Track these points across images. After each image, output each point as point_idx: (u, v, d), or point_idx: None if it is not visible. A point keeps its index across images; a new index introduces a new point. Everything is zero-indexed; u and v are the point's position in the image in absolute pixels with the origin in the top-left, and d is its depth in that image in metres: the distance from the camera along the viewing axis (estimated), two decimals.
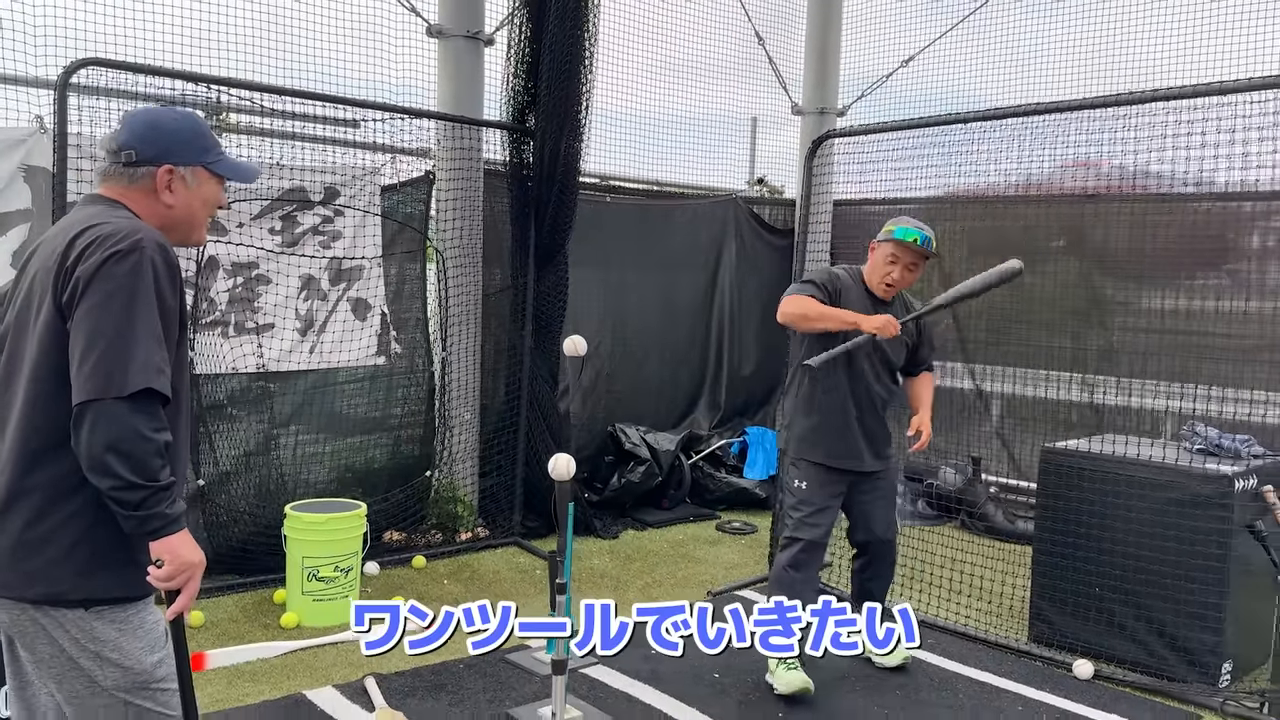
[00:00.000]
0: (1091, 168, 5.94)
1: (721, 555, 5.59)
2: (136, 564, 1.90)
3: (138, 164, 1.98)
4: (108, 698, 1.91)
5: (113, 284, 1.76)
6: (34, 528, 1.83)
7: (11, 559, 1.84)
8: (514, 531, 5.61)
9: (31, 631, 1.89)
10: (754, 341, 7.64)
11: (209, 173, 2.05)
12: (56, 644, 1.88)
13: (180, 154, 2.00)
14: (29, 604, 1.86)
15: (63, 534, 1.84)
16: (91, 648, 1.88)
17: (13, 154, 4.17)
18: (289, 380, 5.00)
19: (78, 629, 1.87)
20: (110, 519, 1.84)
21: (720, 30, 7.39)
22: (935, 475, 6.40)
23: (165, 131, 2.01)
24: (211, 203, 2.08)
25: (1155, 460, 4.02)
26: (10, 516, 1.83)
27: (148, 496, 1.76)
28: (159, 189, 1.99)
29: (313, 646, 3.97)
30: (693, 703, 3.62)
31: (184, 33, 4.61)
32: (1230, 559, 3.78)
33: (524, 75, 5.44)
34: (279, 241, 4.88)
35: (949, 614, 4.58)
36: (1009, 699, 3.75)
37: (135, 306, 1.77)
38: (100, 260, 1.77)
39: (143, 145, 1.98)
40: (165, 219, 2.00)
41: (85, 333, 1.76)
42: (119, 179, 2.00)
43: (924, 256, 3.73)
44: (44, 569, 1.84)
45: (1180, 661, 3.86)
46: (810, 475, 3.81)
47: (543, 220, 5.53)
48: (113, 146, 2.00)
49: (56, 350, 1.81)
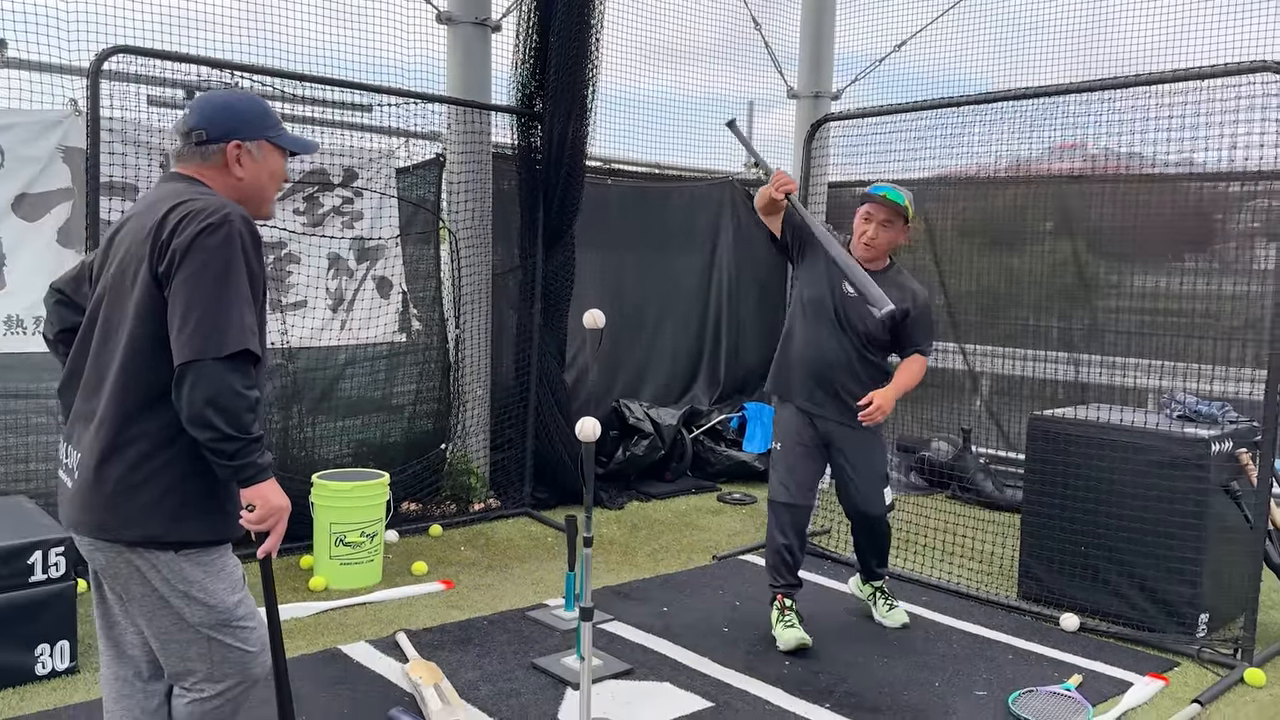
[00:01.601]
0: (1079, 149, 6.15)
1: (724, 524, 5.83)
2: (223, 511, 2.10)
3: (208, 142, 2.15)
4: (193, 633, 2.11)
5: (207, 255, 1.95)
6: (132, 476, 2.02)
7: (111, 504, 2.03)
8: (525, 502, 5.83)
9: (125, 572, 2.08)
10: (751, 319, 7.86)
11: (272, 146, 2.22)
12: (149, 583, 2.07)
13: (245, 130, 2.17)
14: (125, 545, 2.05)
15: (157, 482, 2.02)
16: (180, 587, 2.07)
17: (50, 135, 4.34)
18: (321, 355, 5.18)
19: (169, 569, 2.07)
20: (200, 470, 2.04)
21: (716, 14, 7.58)
22: (927, 447, 6.65)
23: (230, 110, 2.18)
24: (277, 175, 2.25)
25: (1137, 425, 4.26)
26: (110, 466, 2.02)
27: (241, 447, 1.96)
28: (229, 163, 2.16)
29: (343, 607, 4.18)
30: (704, 653, 3.84)
31: (206, 20, 4.78)
32: (1207, 517, 4.03)
33: (531, 61, 5.63)
34: (304, 221, 5.07)
35: (942, 574, 4.83)
36: (1000, 649, 4.00)
37: (229, 275, 1.96)
38: (194, 233, 1.96)
39: (211, 125, 2.15)
40: (237, 191, 2.17)
41: (184, 300, 1.94)
42: (192, 158, 2.17)
43: (896, 213, 3.81)
44: (140, 514, 2.03)
45: (1160, 613, 4.11)
46: (781, 425, 3.97)
47: (551, 202, 5.72)
48: (184, 129, 2.18)
49: (153, 316, 1.99)
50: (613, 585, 4.60)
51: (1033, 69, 6.98)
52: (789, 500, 3.93)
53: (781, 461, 3.97)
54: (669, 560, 5.07)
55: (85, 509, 2.05)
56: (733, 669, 3.70)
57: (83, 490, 2.05)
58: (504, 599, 4.37)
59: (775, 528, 3.96)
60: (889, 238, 3.86)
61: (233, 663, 2.15)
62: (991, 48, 7.20)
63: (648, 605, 4.36)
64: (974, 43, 7.29)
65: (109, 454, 2.02)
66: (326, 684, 3.43)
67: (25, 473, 4.35)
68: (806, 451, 3.94)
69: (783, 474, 3.96)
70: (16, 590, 3.32)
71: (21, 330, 4.36)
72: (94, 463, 2.02)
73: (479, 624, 4.05)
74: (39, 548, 3.35)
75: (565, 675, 3.55)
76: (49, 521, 3.58)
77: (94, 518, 2.05)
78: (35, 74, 4.36)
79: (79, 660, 3.47)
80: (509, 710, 3.30)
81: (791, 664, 3.77)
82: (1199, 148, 4.59)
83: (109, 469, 2.02)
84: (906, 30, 7.61)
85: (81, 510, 2.06)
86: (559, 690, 3.46)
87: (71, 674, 3.44)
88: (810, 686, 3.58)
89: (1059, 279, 6.49)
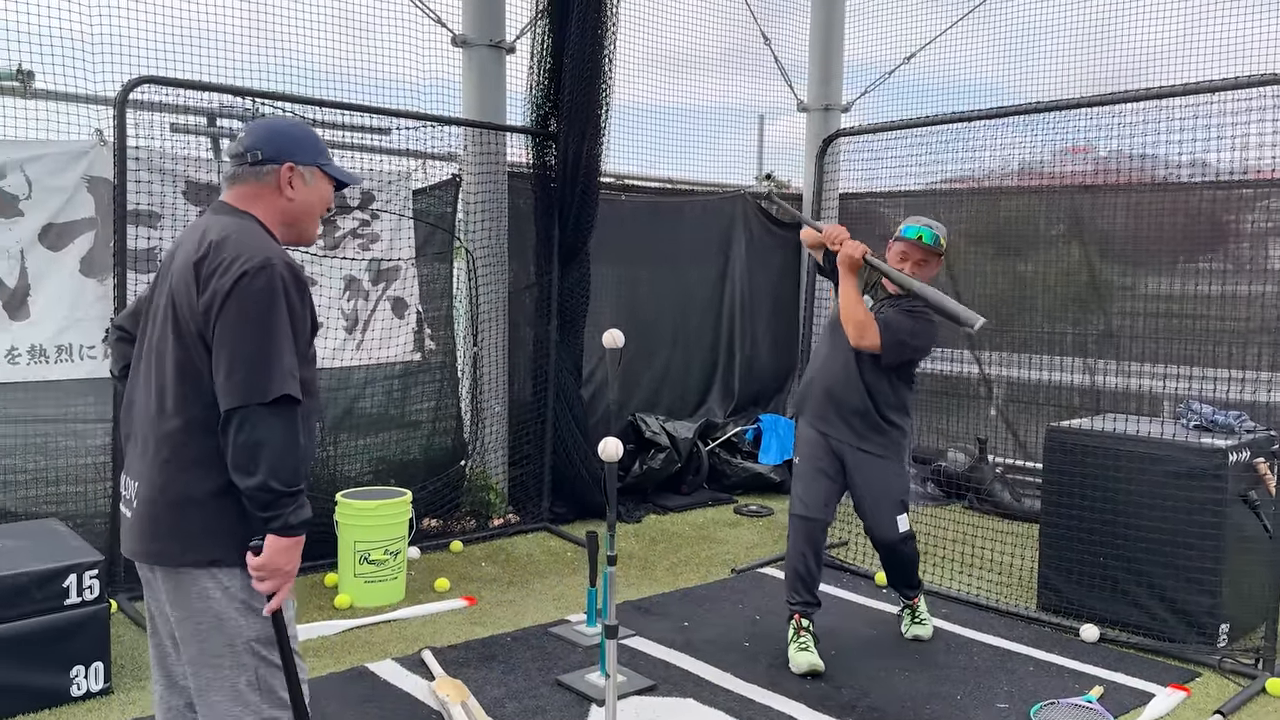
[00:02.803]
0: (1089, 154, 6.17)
1: (741, 536, 5.86)
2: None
3: (263, 162, 2.19)
4: (247, 652, 2.11)
5: (248, 300, 2.00)
6: (190, 501, 2.06)
7: (173, 531, 2.07)
8: (543, 517, 5.88)
9: (188, 595, 2.10)
10: (765, 332, 7.91)
11: (323, 173, 2.27)
12: (208, 600, 2.09)
13: (299, 154, 2.22)
14: (191, 567, 2.08)
15: (215, 504, 2.06)
16: (241, 596, 2.11)
17: (76, 166, 4.42)
18: (337, 377, 5.26)
19: (230, 580, 2.10)
20: None
21: (725, 27, 7.64)
22: (943, 458, 6.67)
23: (286, 135, 2.23)
24: (325, 200, 2.30)
25: (1154, 436, 4.28)
26: (168, 493, 2.07)
27: (275, 499, 2.00)
28: (281, 185, 2.20)
29: (368, 625, 4.24)
30: (726, 668, 3.88)
31: (226, 46, 4.87)
32: (1226, 527, 4.05)
33: (546, 82, 5.70)
34: (321, 245, 5.14)
35: (961, 585, 4.85)
36: (1020, 660, 4.02)
37: (272, 319, 2.01)
38: (235, 277, 2.01)
39: (267, 146, 2.20)
40: (286, 213, 2.22)
41: (229, 346, 1.99)
42: (246, 179, 2.20)
43: (933, 253, 3.90)
44: (202, 536, 2.07)
45: (1180, 624, 4.13)
46: (800, 441, 4.03)
47: (566, 220, 5.79)
48: (238, 150, 2.21)
49: (199, 345, 2.04)
50: (633, 600, 4.64)
51: (1043, 76, 7.00)
52: (803, 514, 3.97)
53: (799, 475, 4.04)
54: (688, 574, 5.11)
55: (147, 538, 2.10)
56: (755, 684, 3.74)
57: (142, 520, 2.11)
58: (526, 615, 4.42)
59: (791, 541, 4.01)
60: (925, 275, 3.89)
61: (278, 693, 2.16)
62: (1001, 56, 7.23)
63: (668, 620, 4.40)
64: (984, 51, 7.33)
65: (167, 482, 2.07)
66: (354, 702, 3.48)
67: (56, 495, 4.43)
68: (821, 468, 3.97)
69: (799, 488, 4.02)
70: (51, 613, 3.38)
71: (45, 359, 4.44)
72: (152, 493, 2.08)
73: (502, 640, 4.10)
74: (73, 571, 3.42)
75: (589, 692, 3.59)
76: (81, 544, 3.65)
77: (157, 546, 2.09)
78: (61, 104, 4.45)
79: (113, 681, 3.54)
80: None
81: (814, 679, 3.80)
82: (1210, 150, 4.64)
83: (167, 496, 2.07)
84: (916, 39, 7.66)
85: (141, 539, 2.12)
86: (584, 707, 3.51)
87: (105, 695, 3.50)
88: (833, 701, 3.61)
89: (1071, 284, 6.51)
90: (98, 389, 4.52)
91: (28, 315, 4.39)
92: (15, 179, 4.30)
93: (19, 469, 4.37)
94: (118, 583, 4.27)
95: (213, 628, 2.11)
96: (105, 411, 4.49)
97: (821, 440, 3.97)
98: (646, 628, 4.28)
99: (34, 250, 4.38)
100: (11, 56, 4.29)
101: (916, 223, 3.92)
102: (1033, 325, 6.61)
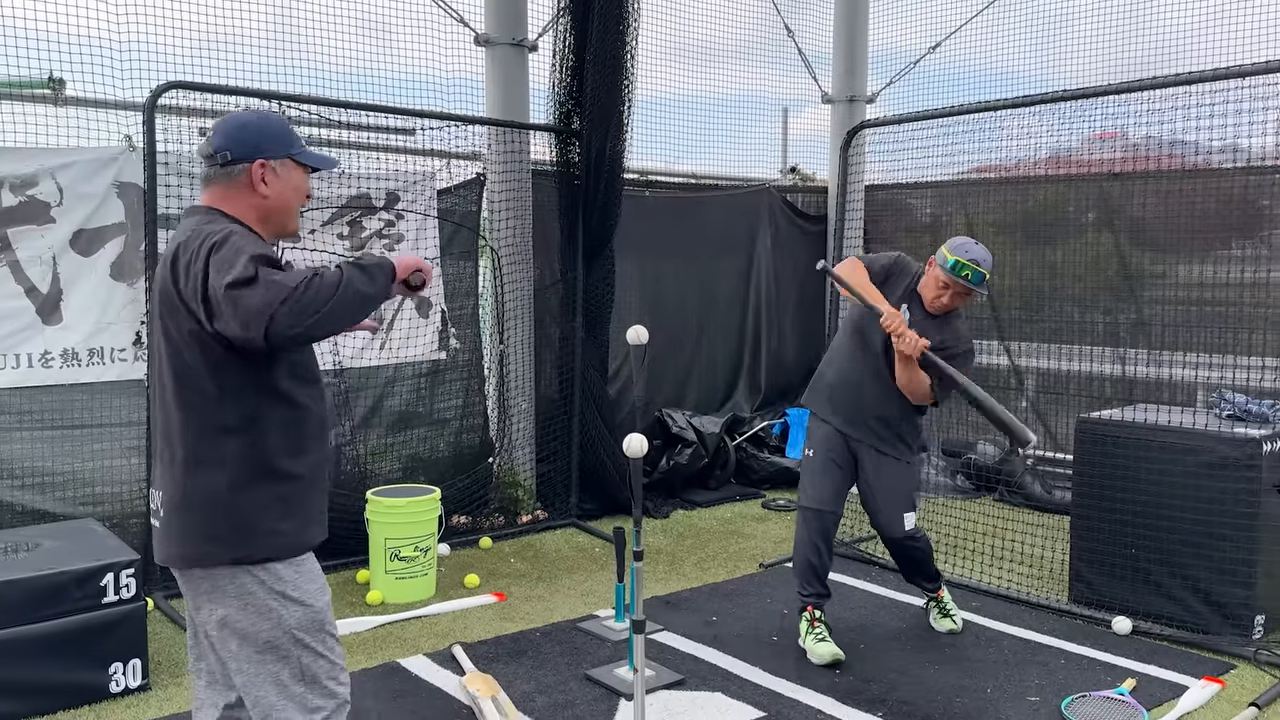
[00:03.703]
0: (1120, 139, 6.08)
1: (769, 531, 5.85)
2: (306, 519, 2.18)
3: (233, 163, 2.16)
4: (290, 642, 2.14)
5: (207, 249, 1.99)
6: (216, 503, 2.08)
7: (204, 533, 2.10)
8: (571, 513, 5.91)
9: (225, 594, 2.12)
10: (791, 326, 7.88)
11: (295, 163, 2.25)
12: (246, 595, 2.12)
13: (269, 148, 2.18)
14: (226, 566, 2.11)
15: (245, 501, 2.09)
16: (278, 588, 2.13)
17: (106, 172, 4.50)
18: (363, 376, 5.31)
19: (266, 574, 2.13)
20: (279, 479, 2.10)
21: (748, 19, 7.61)
22: (973, 450, 6.62)
23: (253, 130, 2.20)
24: (301, 191, 2.27)
25: (1186, 426, 4.23)
26: (194, 497, 2.09)
27: (320, 290, 1.94)
28: (254, 183, 2.17)
29: (400, 620, 4.28)
30: (754, 662, 3.88)
31: (251, 48, 4.93)
32: (1260, 518, 4.00)
33: (568, 79, 5.71)
34: (348, 245, 5.19)
35: (992, 579, 4.82)
36: (1052, 653, 3.99)
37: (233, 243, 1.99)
38: (197, 249, 2.00)
39: (236, 146, 2.16)
40: (263, 209, 2.19)
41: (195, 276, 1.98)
42: (219, 180, 2.18)
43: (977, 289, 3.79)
44: (232, 536, 2.09)
45: (1214, 616, 4.08)
46: (814, 435, 4.01)
47: (590, 217, 5.80)
48: (208, 151, 2.19)
49: (195, 342, 2.04)
50: (661, 595, 4.66)
51: (1070, 63, 6.92)
52: (817, 506, 3.96)
53: (810, 468, 4.01)
54: (716, 569, 5.12)
55: (177, 542, 2.13)
56: (784, 678, 3.74)
57: (169, 528, 2.14)
58: (555, 610, 4.44)
59: (801, 533, 4.00)
60: (960, 304, 3.85)
61: (322, 682, 2.18)
62: (1028, 43, 7.15)
63: (696, 615, 4.41)
64: (1010, 39, 7.25)
65: (187, 485, 2.10)
66: (387, 697, 3.52)
67: (92, 496, 4.52)
68: (836, 462, 3.97)
69: (810, 480, 4.00)
70: (90, 611, 3.45)
71: (77, 363, 4.52)
72: (175, 498, 2.11)
73: (531, 636, 4.13)
74: (111, 570, 3.48)
75: (618, 686, 3.61)
76: (118, 544, 3.72)
77: (189, 549, 2.12)
78: (91, 111, 4.52)
79: (150, 678, 3.60)
80: None
81: (842, 673, 3.80)
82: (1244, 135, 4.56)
83: (190, 499, 2.10)
84: (941, 28, 7.59)
85: (172, 544, 2.15)
86: (613, 701, 3.52)
87: (143, 691, 3.56)
88: (862, 695, 3.61)
89: (1102, 272, 6.43)
90: (129, 391, 4.60)
91: (60, 319, 4.47)
92: (47, 186, 4.38)
93: (55, 470, 4.46)
94: (154, 581, 4.34)
95: (254, 622, 2.14)
96: (136, 413, 4.57)
97: (839, 436, 3.96)
98: (674, 622, 4.29)
99: (65, 256, 4.46)
100: (43, 65, 4.37)
101: (962, 253, 3.72)
102: (1063, 315, 6.54)
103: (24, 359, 4.39)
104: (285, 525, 2.14)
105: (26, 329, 4.39)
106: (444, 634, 4.15)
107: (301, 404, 2.17)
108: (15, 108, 4.35)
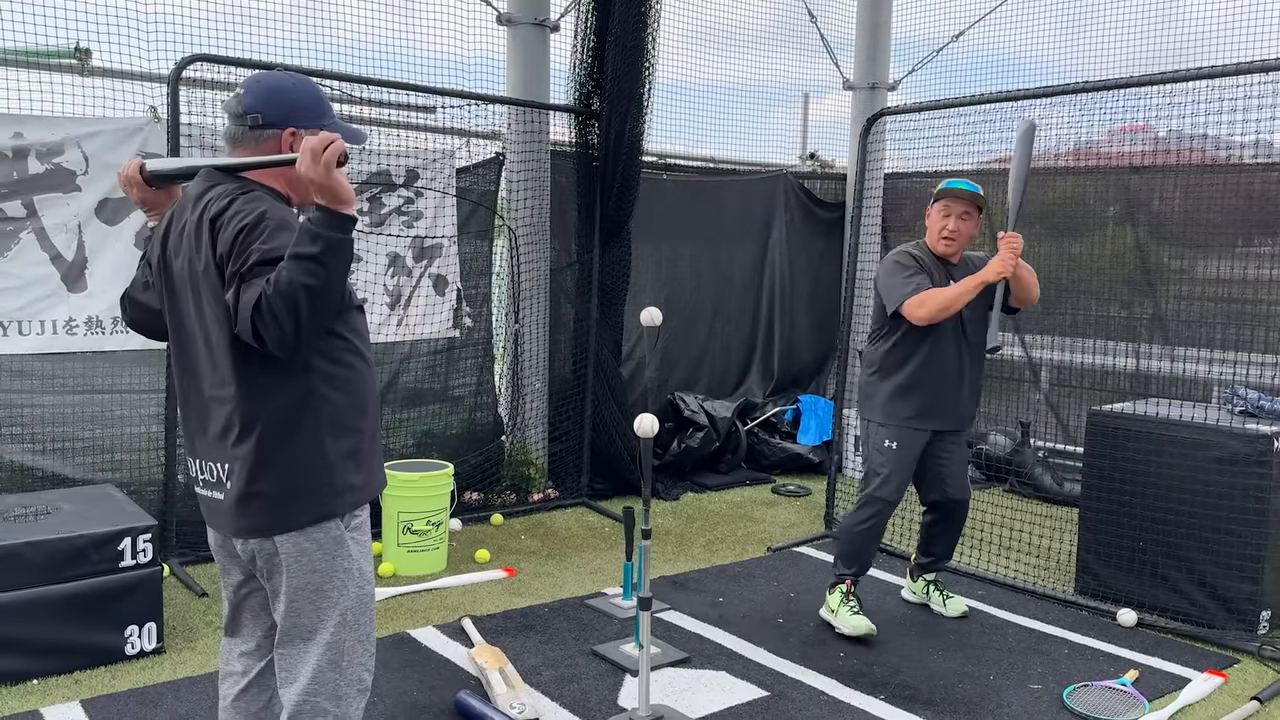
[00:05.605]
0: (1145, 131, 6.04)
1: (778, 516, 5.89)
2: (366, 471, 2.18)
3: (264, 127, 2.09)
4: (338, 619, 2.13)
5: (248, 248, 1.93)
6: (283, 468, 2.04)
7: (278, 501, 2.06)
8: (582, 493, 5.95)
9: (291, 559, 2.09)
10: (804, 313, 7.89)
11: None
12: (309, 562, 2.10)
13: (302, 118, 2.11)
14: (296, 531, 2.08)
15: (310, 461, 2.06)
16: (336, 551, 2.12)
17: (132, 142, 4.55)
18: (380, 352, 5.36)
19: (326, 537, 2.11)
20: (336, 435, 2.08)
21: (770, 3, 7.59)
22: (985, 441, 6.62)
23: (288, 97, 2.12)
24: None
25: (1197, 421, 4.22)
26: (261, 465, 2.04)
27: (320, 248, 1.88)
28: (283, 150, 2.09)
29: (411, 593, 4.34)
30: (759, 643, 3.92)
31: (275, 23, 4.95)
32: (1269, 513, 4.00)
33: (589, 60, 5.72)
34: (367, 222, 5.23)
35: (999, 568, 4.84)
36: (1056, 643, 4.01)
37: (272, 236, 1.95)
38: (234, 233, 1.95)
39: (267, 109, 2.09)
40: (291, 177, 2.09)
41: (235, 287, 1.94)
42: (246, 143, 2.11)
43: (974, 203, 3.92)
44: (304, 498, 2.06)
45: (1220, 610, 4.09)
46: (902, 436, 3.98)
47: (608, 199, 5.82)
48: (238, 110, 2.10)
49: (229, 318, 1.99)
50: (669, 575, 4.70)
51: (1095, 52, 6.86)
52: (895, 499, 4.02)
53: (900, 466, 3.98)
54: (724, 551, 5.15)
55: (249, 514, 2.07)
56: (788, 659, 3.78)
57: (236, 498, 2.07)
58: (564, 587, 4.49)
59: (872, 520, 4.01)
60: (968, 230, 3.96)
61: (355, 671, 2.18)
62: (1052, 32, 7.10)
63: (703, 595, 4.45)
64: (1035, 28, 7.19)
65: (247, 455, 2.04)
66: (397, 667, 3.58)
67: (111, 462, 4.59)
68: (915, 459, 4.03)
69: (899, 477, 3.99)
70: (108, 575, 3.52)
71: (101, 330, 4.58)
72: (246, 470, 2.04)
73: (540, 611, 4.18)
74: (128, 534, 3.55)
75: (624, 662, 3.66)
76: (136, 509, 3.79)
77: (261, 520, 2.07)
78: (117, 82, 4.57)
79: (165, 641, 3.67)
80: (570, 695, 3.42)
81: (846, 655, 3.83)
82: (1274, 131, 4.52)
83: (250, 469, 2.04)
84: (965, 16, 7.53)
85: (241, 517, 2.08)
86: (618, 677, 3.57)
87: (158, 654, 3.64)
88: (865, 678, 3.64)
89: (1123, 267, 6.40)
90: (151, 360, 4.67)
91: (85, 287, 4.54)
92: (73, 155, 4.43)
93: (76, 436, 4.53)
94: (170, 547, 4.42)
95: (314, 593, 2.12)
96: (157, 382, 4.63)
97: (924, 437, 4.00)
98: (681, 602, 4.33)
99: (91, 224, 4.52)
100: (70, 35, 4.42)
101: (954, 180, 3.97)
102: (1081, 308, 6.51)
103: (49, 325, 4.46)
104: (357, 479, 2.14)
105: (51, 295, 4.46)
106: (454, 607, 4.20)
107: (358, 366, 2.16)
108: (43, 76, 4.40)
